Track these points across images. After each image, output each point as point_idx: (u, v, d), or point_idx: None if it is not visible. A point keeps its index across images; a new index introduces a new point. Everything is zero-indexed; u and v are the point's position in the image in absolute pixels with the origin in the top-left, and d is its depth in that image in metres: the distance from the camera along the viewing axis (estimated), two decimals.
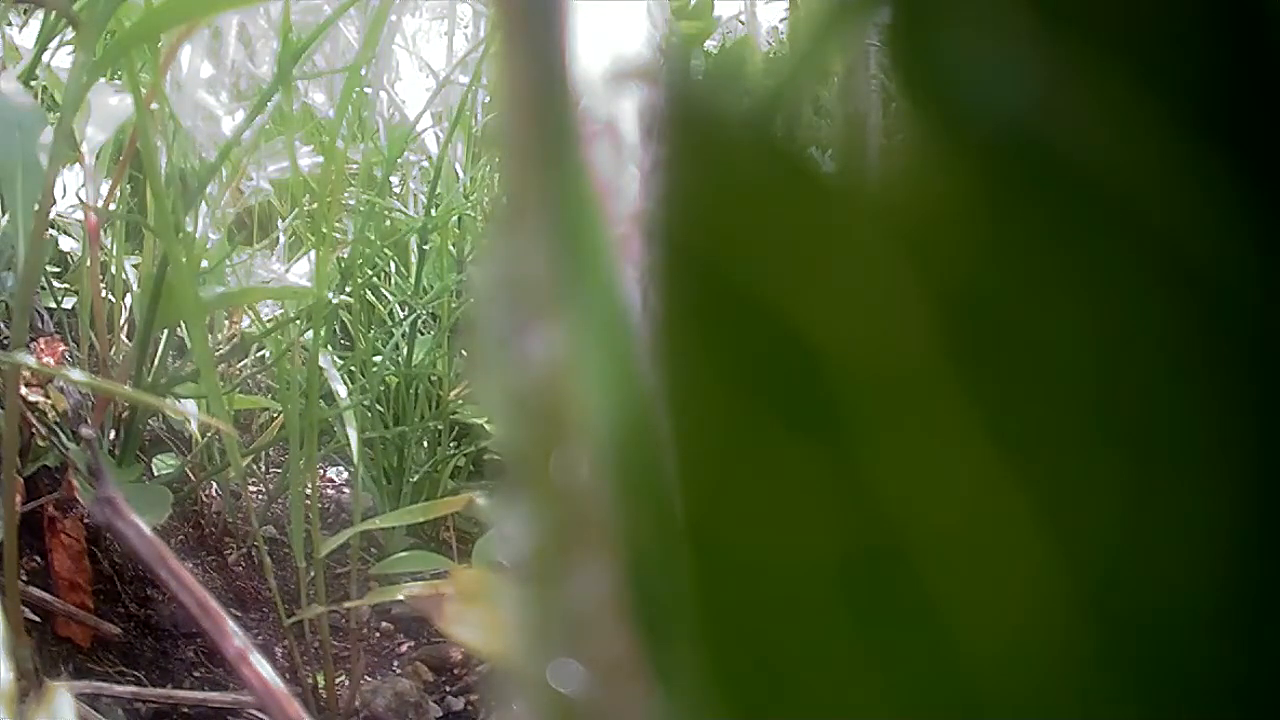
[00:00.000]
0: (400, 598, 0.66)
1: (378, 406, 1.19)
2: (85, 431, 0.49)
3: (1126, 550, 0.09)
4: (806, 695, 0.09)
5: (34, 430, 0.89)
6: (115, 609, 0.93)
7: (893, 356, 0.09)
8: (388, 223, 1.23)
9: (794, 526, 0.09)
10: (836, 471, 0.09)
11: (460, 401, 1.20)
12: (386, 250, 1.25)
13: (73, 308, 1.10)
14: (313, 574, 0.90)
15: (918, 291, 0.09)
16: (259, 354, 1.24)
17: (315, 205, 0.97)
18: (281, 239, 1.27)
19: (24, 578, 0.83)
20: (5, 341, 0.92)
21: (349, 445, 0.99)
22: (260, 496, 1.22)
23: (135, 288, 1.11)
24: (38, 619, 0.85)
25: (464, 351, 1.20)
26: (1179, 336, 0.09)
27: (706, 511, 0.09)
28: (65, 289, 1.13)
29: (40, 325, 1.06)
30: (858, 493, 0.09)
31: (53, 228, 1.12)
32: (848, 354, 0.09)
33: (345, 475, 1.34)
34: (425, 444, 1.24)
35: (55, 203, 1.04)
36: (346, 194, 1.21)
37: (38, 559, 0.89)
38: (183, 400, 1.03)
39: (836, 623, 0.09)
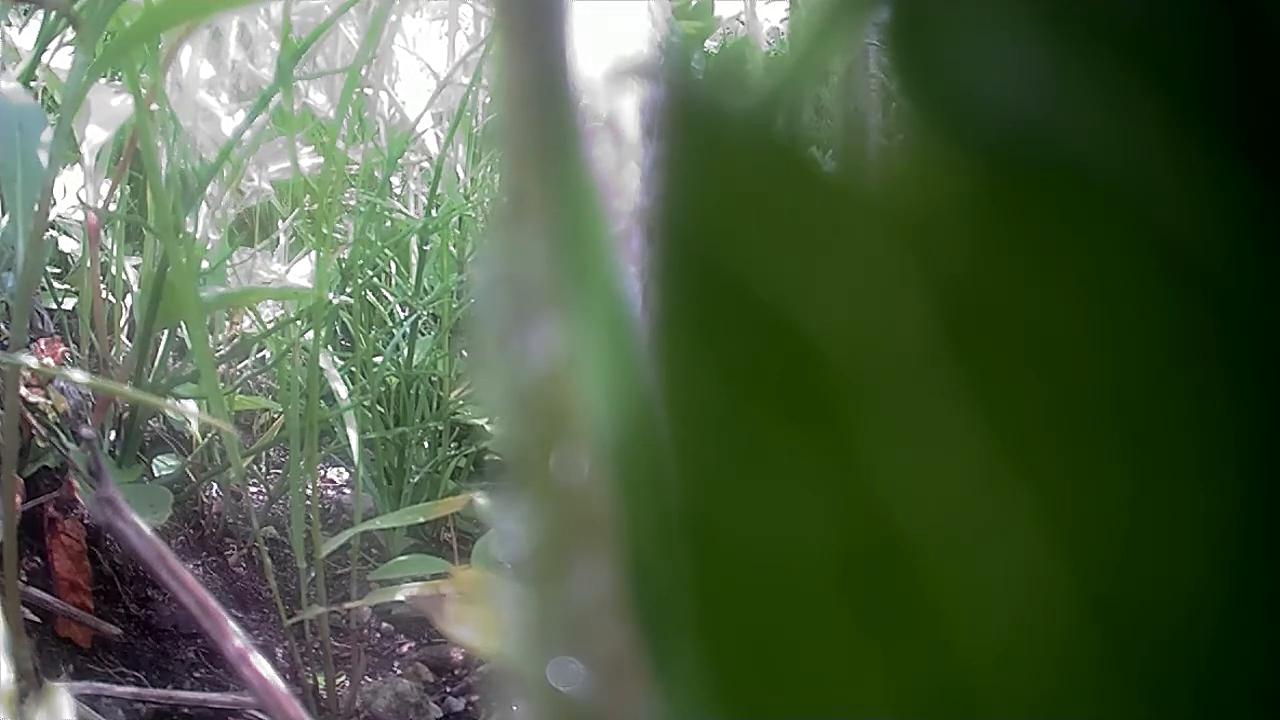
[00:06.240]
0: (401, 598, 0.66)
1: (378, 407, 1.19)
2: (85, 432, 0.49)
3: (1128, 548, 0.09)
4: (806, 694, 0.09)
5: (34, 431, 0.89)
6: (115, 609, 0.93)
7: (894, 354, 0.09)
8: (388, 223, 1.23)
9: (794, 524, 0.09)
10: (837, 469, 0.09)
11: (461, 402, 1.20)
12: (387, 251, 1.25)
13: (73, 308, 1.10)
14: (313, 574, 0.90)
15: (918, 289, 0.09)
16: (259, 355, 1.24)
17: (316, 206, 0.97)
18: (282, 240, 1.27)
19: (24, 578, 0.83)
20: (5, 342, 0.92)
21: (349, 446, 0.99)
22: (261, 497, 1.22)
23: (135, 288, 1.11)
24: (38, 619, 0.85)
25: (465, 352, 1.20)
26: (1181, 333, 0.09)
27: (706, 509, 0.09)
28: (65, 290, 1.13)
29: (40, 326, 1.06)
30: (858, 491, 0.09)
31: (53, 228, 1.12)
32: (848, 352, 0.09)
33: (346, 476, 1.34)
34: (426, 445, 1.24)
35: (55, 203, 1.04)
36: (347, 195, 1.21)
37: (38, 559, 0.89)
38: (183, 401, 1.03)
39: (836, 621, 0.09)
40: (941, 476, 0.09)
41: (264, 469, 1.27)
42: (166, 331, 1.04)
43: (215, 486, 1.15)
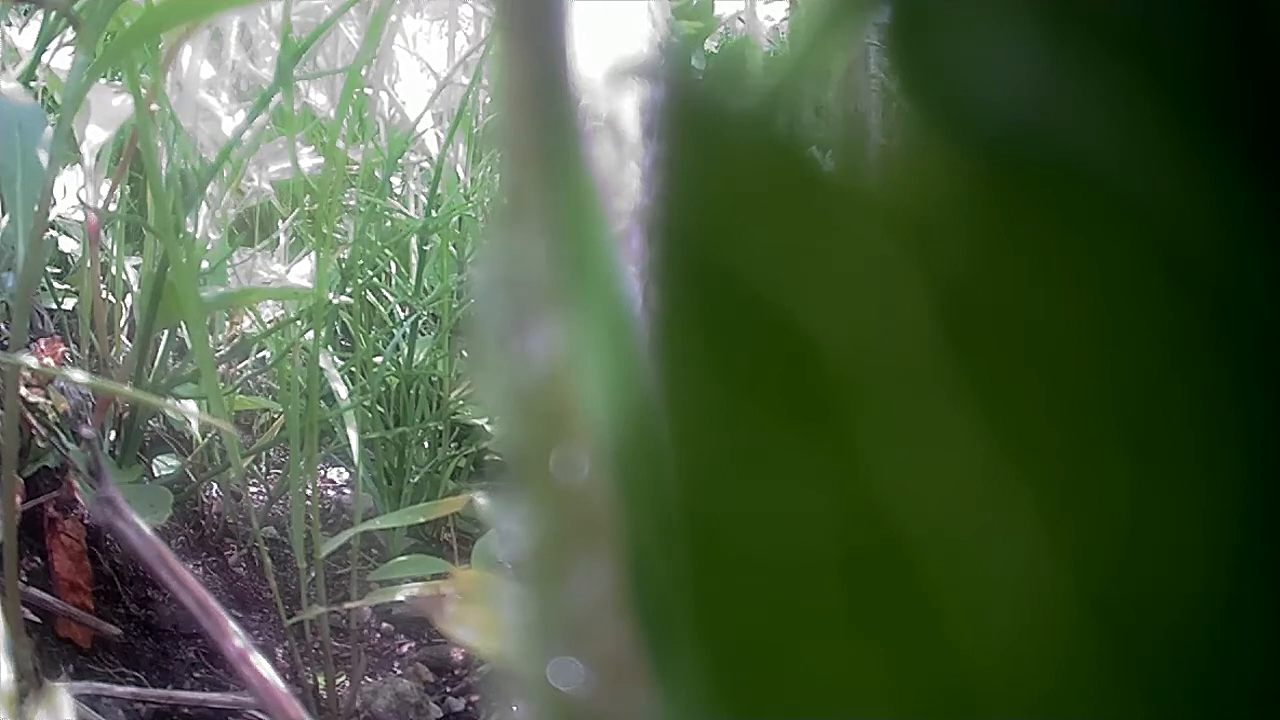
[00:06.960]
0: (401, 598, 0.66)
1: (378, 407, 1.19)
2: (85, 432, 0.49)
3: (1129, 548, 0.09)
4: (806, 694, 0.09)
5: (34, 431, 0.89)
6: (115, 610, 0.93)
7: (894, 354, 0.09)
8: (388, 224, 1.23)
9: (794, 524, 0.09)
10: (837, 469, 0.09)
11: (461, 402, 1.20)
12: (387, 251, 1.25)
13: (73, 308, 1.10)
14: (313, 575, 0.90)
15: (918, 289, 0.09)
16: (260, 355, 1.24)
17: (316, 206, 0.97)
18: (282, 240, 1.27)
19: (24, 578, 0.83)
20: (5, 342, 0.92)
21: (349, 446, 0.99)
22: (261, 497, 1.22)
23: (136, 288, 1.11)
24: (38, 619, 0.85)
25: (465, 352, 1.20)
26: (1180, 332, 0.09)
27: (706, 509, 0.09)
28: (65, 290, 1.13)
29: (40, 326, 1.06)
30: (858, 491, 0.09)
31: (53, 228, 1.12)
32: (848, 351, 0.09)
33: (346, 476, 1.34)
34: (426, 445, 1.24)
35: (55, 203, 1.04)
36: (347, 195, 1.21)
37: (38, 559, 0.89)
38: (183, 401, 1.03)
39: (836, 621, 0.09)
40: (942, 477, 0.09)
41: (264, 469, 1.27)
42: (166, 331, 1.04)
43: (215, 486, 1.15)
